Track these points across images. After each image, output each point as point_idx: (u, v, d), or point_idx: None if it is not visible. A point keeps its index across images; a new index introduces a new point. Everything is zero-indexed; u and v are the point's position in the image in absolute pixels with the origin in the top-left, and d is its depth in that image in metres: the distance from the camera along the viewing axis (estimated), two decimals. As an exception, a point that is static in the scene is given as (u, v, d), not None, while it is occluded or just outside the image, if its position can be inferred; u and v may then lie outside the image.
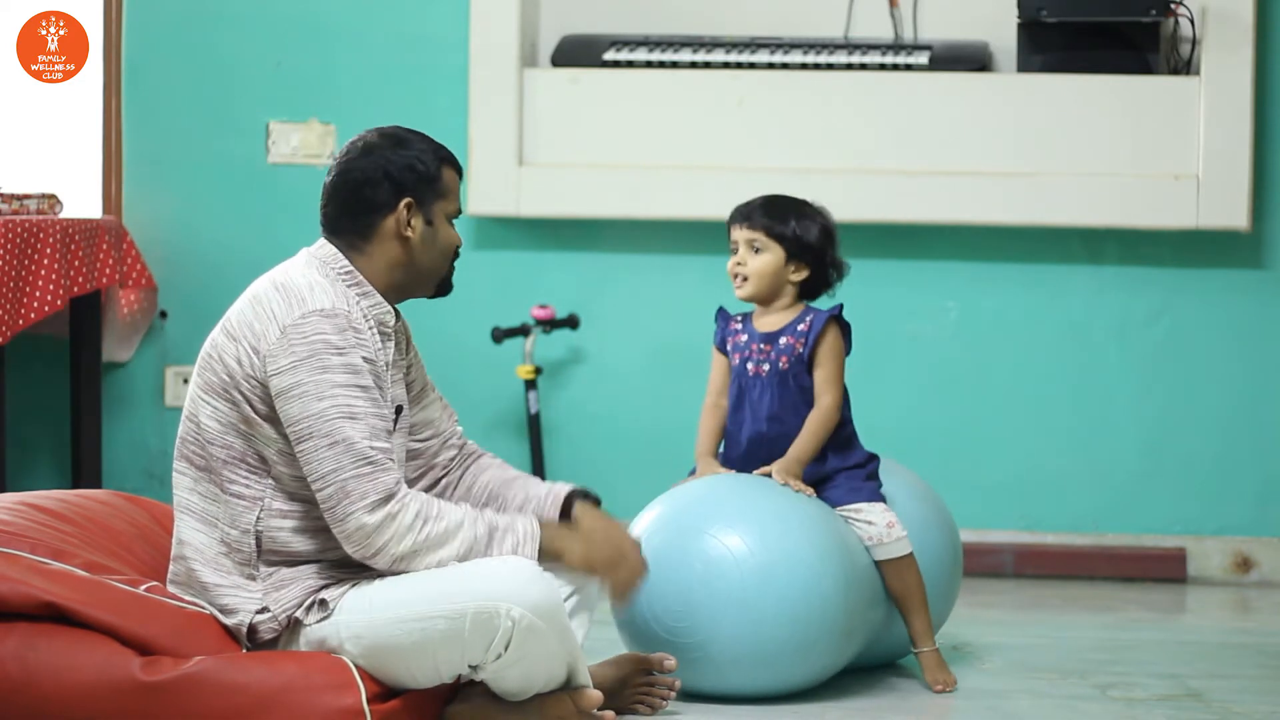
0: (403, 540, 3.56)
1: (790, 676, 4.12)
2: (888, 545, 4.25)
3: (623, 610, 4.07)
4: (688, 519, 4.13)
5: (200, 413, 3.67)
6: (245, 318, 3.64)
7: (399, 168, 3.70)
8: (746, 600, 4.04)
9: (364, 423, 3.56)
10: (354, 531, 3.55)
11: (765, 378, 4.29)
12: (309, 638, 3.63)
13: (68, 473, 5.85)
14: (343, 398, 3.55)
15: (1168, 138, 5.59)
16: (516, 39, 5.77)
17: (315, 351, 3.57)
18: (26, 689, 3.48)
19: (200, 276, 5.90)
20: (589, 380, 5.91)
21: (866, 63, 5.70)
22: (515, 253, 5.89)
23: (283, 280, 3.66)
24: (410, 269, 3.74)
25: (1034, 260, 5.77)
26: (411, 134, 3.76)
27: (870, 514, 4.26)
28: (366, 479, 3.54)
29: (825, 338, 4.28)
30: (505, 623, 3.54)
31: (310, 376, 3.56)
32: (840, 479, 4.29)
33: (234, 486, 3.65)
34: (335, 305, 3.61)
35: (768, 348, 4.30)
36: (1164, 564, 5.74)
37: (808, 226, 4.31)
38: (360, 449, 3.54)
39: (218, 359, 3.65)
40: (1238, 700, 4.22)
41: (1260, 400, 5.74)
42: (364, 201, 3.70)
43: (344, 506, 3.55)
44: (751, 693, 4.13)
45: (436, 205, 3.74)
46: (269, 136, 5.95)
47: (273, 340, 3.59)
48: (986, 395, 5.80)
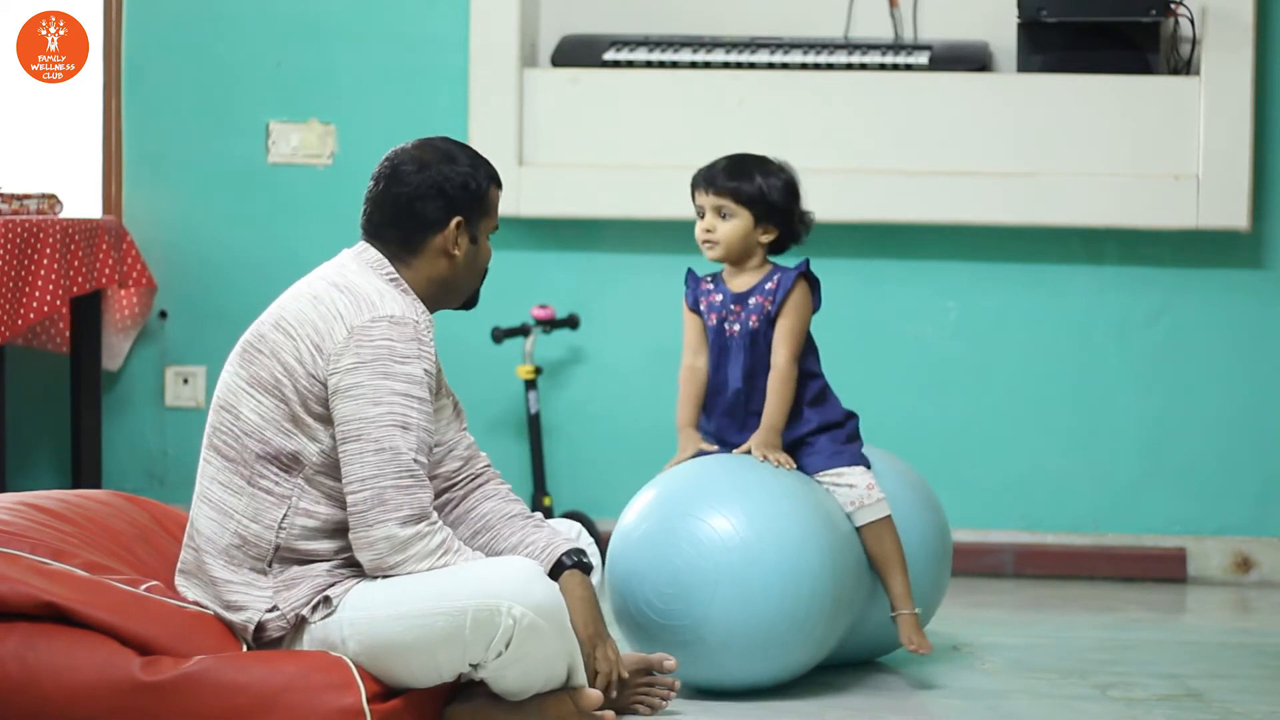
0: (422, 562, 3.58)
1: (785, 656, 4.14)
2: (868, 507, 4.28)
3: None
4: (673, 504, 4.18)
5: (242, 405, 3.66)
6: (306, 316, 3.64)
7: (454, 186, 3.72)
8: (735, 579, 4.08)
9: (414, 435, 3.57)
10: (380, 540, 3.56)
11: (738, 338, 4.32)
12: (313, 635, 3.64)
13: (68, 473, 5.85)
14: (400, 406, 3.57)
15: (1168, 138, 5.59)
16: (516, 39, 5.77)
17: (380, 356, 3.58)
18: (26, 689, 3.48)
19: (200, 276, 5.90)
20: (589, 380, 5.91)
21: (866, 63, 5.70)
22: (515, 253, 5.88)
23: (344, 283, 3.67)
24: (448, 284, 3.76)
25: (1034, 260, 5.77)
26: (459, 149, 3.78)
27: (851, 477, 4.30)
28: (405, 491, 3.56)
29: (792, 295, 4.30)
30: (506, 621, 3.55)
31: (371, 380, 3.57)
32: (821, 441, 4.32)
33: (264, 482, 3.65)
34: (405, 314, 3.63)
35: (738, 308, 4.33)
36: (1164, 564, 5.74)
37: (773, 186, 4.33)
38: (405, 460, 3.56)
39: (269, 355, 3.64)
40: (1238, 700, 4.22)
41: (1260, 400, 5.74)
42: (415, 216, 3.72)
43: (377, 513, 3.56)
44: (750, 681, 4.15)
45: (482, 223, 3.76)
46: (269, 136, 5.94)
47: (339, 340, 3.59)
48: (986, 395, 5.80)
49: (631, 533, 4.20)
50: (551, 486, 5.84)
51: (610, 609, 4.23)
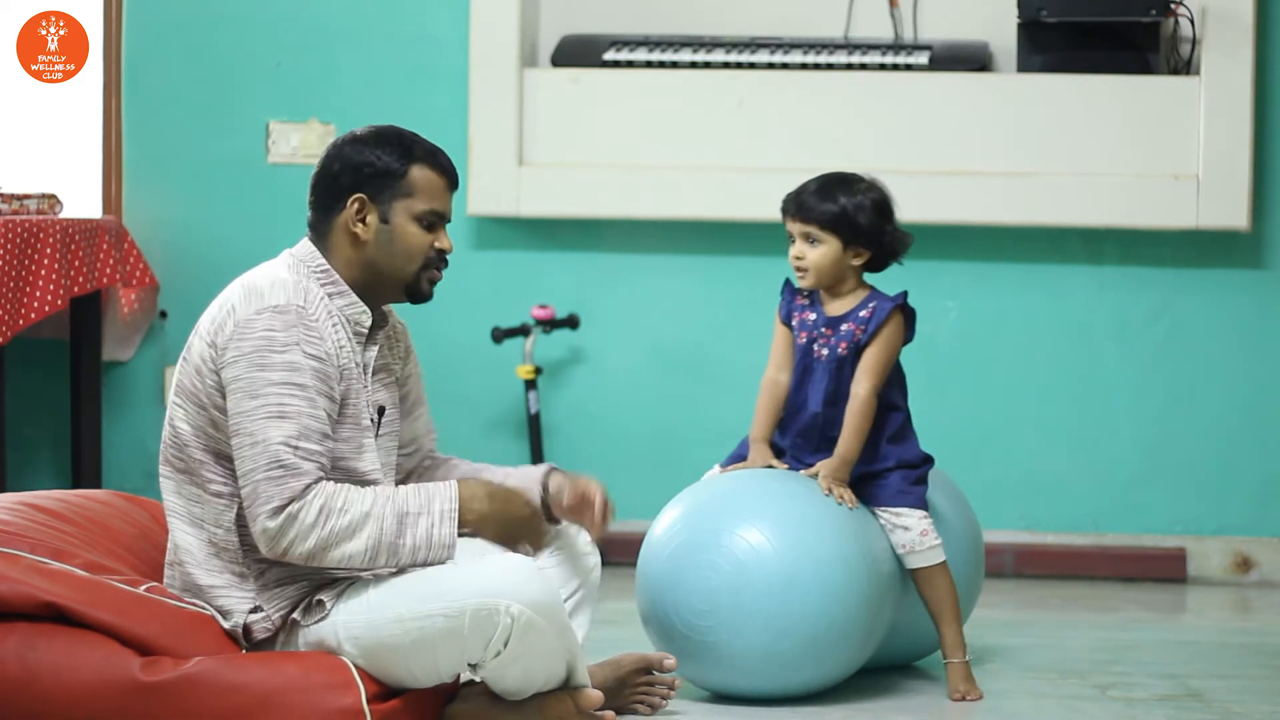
0: (307, 539, 3.50)
1: (801, 681, 4.14)
2: (920, 553, 4.22)
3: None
4: (717, 517, 4.13)
5: (175, 416, 3.66)
6: (212, 316, 3.63)
7: (354, 163, 3.67)
8: (770, 610, 4.04)
9: (292, 423, 3.51)
10: (259, 535, 3.52)
11: (825, 361, 4.25)
12: (307, 639, 3.63)
13: (68, 473, 5.85)
14: (275, 396, 3.51)
15: (1168, 138, 5.59)
16: (516, 39, 5.77)
17: (259, 347, 3.53)
18: (26, 689, 3.48)
19: (200, 276, 5.89)
20: (589, 380, 5.90)
21: (866, 63, 5.70)
22: (515, 253, 5.88)
23: (249, 278, 3.65)
24: (370, 269, 3.68)
25: (1034, 260, 5.77)
26: (393, 132, 3.72)
27: (908, 520, 4.23)
28: (276, 482, 3.49)
29: (885, 326, 4.24)
30: (504, 620, 3.54)
31: (248, 373, 3.53)
32: (894, 478, 4.25)
33: (213, 486, 3.63)
34: (290, 300, 3.57)
35: (829, 331, 4.26)
36: (1164, 564, 5.74)
37: (860, 206, 4.23)
38: (275, 450, 3.49)
39: (188, 361, 3.64)
40: (1238, 700, 4.22)
41: (1260, 400, 5.74)
42: (325, 196, 3.69)
43: (255, 509, 3.51)
44: (763, 693, 4.14)
45: (397, 203, 3.67)
46: (269, 136, 5.94)
47: (227, 334, 3.57)
48: (986, 395, 5.80)
49: (673, 537, 4.15)
50: (551, 486, 5.84)
51: (638, 611, 4.22)
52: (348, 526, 3.52)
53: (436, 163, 3.72)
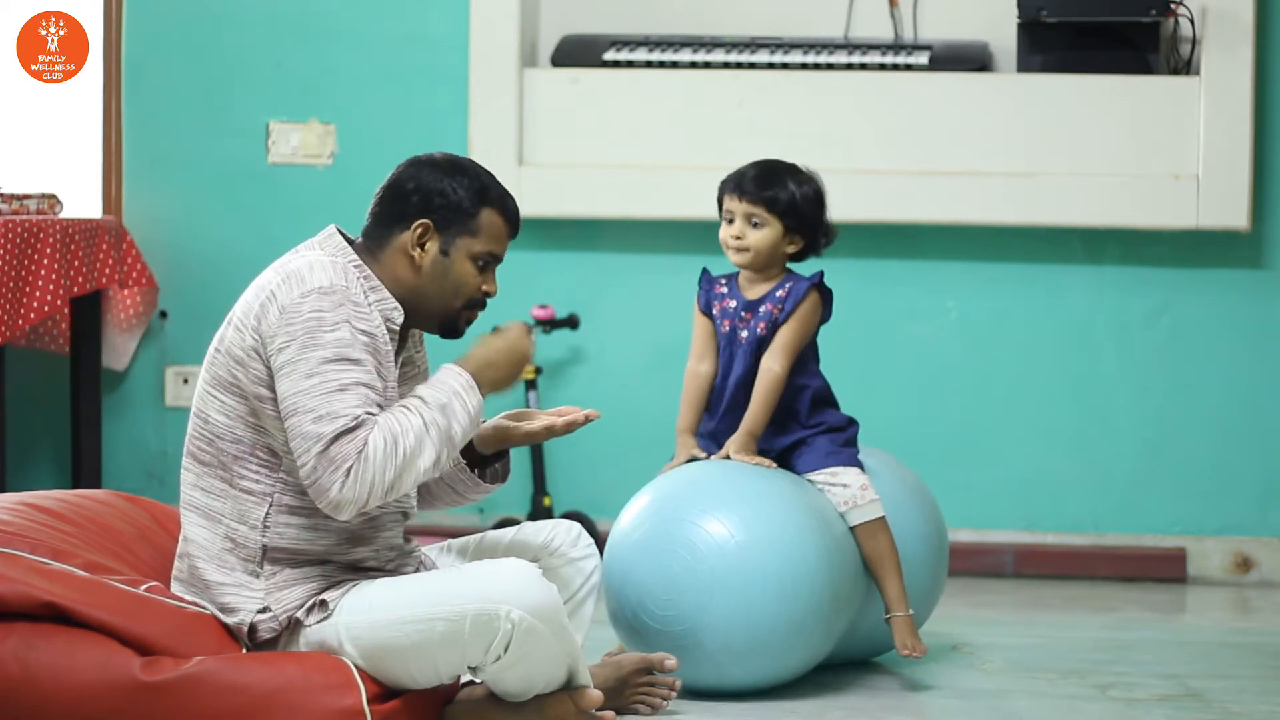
0: (385, 472, 3.50)
1: (784, 658, 4.15)
2: (861, 507, 4.27)
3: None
4: (668, 508, 4.18)
5: (208, 408, 3.66)
6: (249, 306, 3.63)
7: (432, 190, 3.68)
8: (731, 583, 4.08)
9: (352, 394, 3.52)
10: (335, 501, 3.49)
11: (744, 344, 4.31)
12: (309, 639, 3.63)
13: (68, 473, 5.85)
14: (332, 372, 3.52)
15: (1168, 138, 5.60)
16: (516, 39, 5.77)
17: (310, 329, 3.54)
18: (26, 689, 3.48)
19: (200, 276, 5.90)
20: (589, 380, 5.91)
21: (866, 63, 5.70)
22: (515, 253, 5.84)
23: (286, 266, 3.65)
24: (415, 293, 3.70)
25: (1034, 260, 5.77)
26: (472, 166, 3.75)
27: (845, 477, 4.29)
28: (341, 445, 3.48)
29: (801, 305, 4.29)
30: (505, 625, 3.54)
31: (301, 354, 3.53)
32: (820, 441, 4.32)
33: (244, 482, 3.64)
34: (334, 282, 3.58)
35: (749, 315, 4.32)
36: (1164, 564, 5.74)
37: (805, 196, 4.31)
38: (339, 423, 3.48)
39: (225, 352, 3.64)
40: (1238, 700, 4.22)
41: (1260, 400, 5.74)
42: (390, 211, 3.70)
43: (323, 480, 3.48)
44: (750, 683, 4.15)
45: (461, 240, 3.70)
46: (269, 136, 5.95)
47: (272, 320, 3.57)
48: (986, 395, 5.80)
49: (627, 538, 4.21)
50: (551, 486, 5.84)
51: (606, 612, 4.23)
52: (414, 444, 3.53)
53: (507, 209, 3.77)
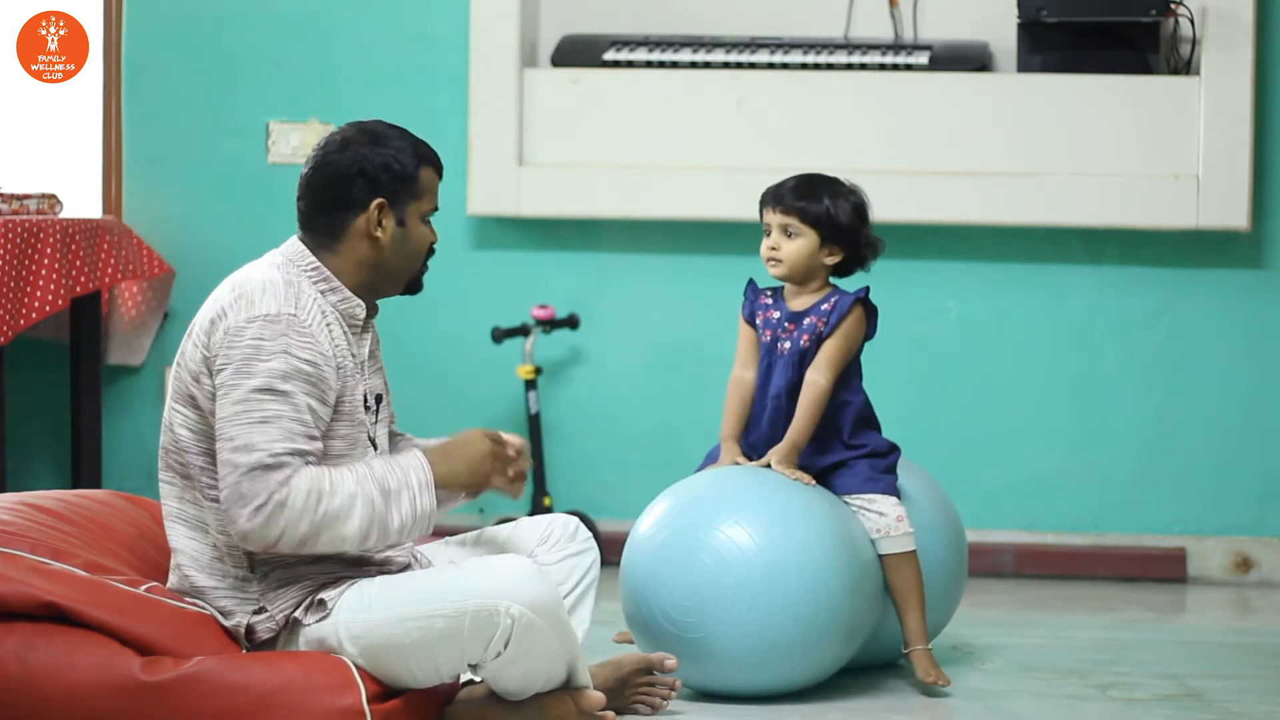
0: (299, 524, 3.47)
1: (793, 673, 4.13)
2: (893, 539, 4.24)
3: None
4: (696, 514, 4.14)
5: (174, 422, 3.65)
6: (202, 321, 3.61)
7: (374, 166, 3.64)
8: (754, 598, 4.05)
9: (275, 427, 3.48)
10: (243, 534, 3.48)
11: (787, 355, 4.29)
12: (308, 638, 3.63)
13: (68, 473, 5.85)
14: (256, 402, 3.50)
15: (1168, 138, 5.60)
16: (516, 39, 5.77)
17: (246, 356, 3.52)
18: (26, 689, 3.48)
19: (200, 277, 5.88)
20: (589, 380, 5.91)
21: (866, 63, 5.70)
22: (515, 253, 5.89)
23: (240, 282, 3.62)
24: (380, 269, 3.68)
25: (1034, 260, 5.77)
26: (391, 130, 3.70)
27: (882, 505, 4.26)
28: (256, 481, 3.46)
29: (846, 319, 4.27)
30: (504, 621, 3.54)
31: (233, 379, 3.51)
32: (860, 465, 4.28)
33: (213, 493, 3.62)
34: (280, 309, 3.55)
35: (792, 326, 4.30)
36: (1164, 564, 5.74)
37: (841, 208, 4.29)
38: (257, 456, 3.46)
39: (184, 366, 3.63)
40: (1238, 700, 4.22)
41: (1260, 400, 5.74)
42: (336, 199, 3.66)
43: (233, 510, 3.47)
44: (754, 690, 4.14)
45: (411, 205, 3.67)
46: (269, 136, 5.95)
47: (218, 340, 3.56)
48: (986, 395, 5.80)
49: (651, 538, 4.16)
50: (551, 486, 5.84)
51: (623, 612, 4.23)
52: (339, 508, 3.50)
53: (435, 160, 3.73)
